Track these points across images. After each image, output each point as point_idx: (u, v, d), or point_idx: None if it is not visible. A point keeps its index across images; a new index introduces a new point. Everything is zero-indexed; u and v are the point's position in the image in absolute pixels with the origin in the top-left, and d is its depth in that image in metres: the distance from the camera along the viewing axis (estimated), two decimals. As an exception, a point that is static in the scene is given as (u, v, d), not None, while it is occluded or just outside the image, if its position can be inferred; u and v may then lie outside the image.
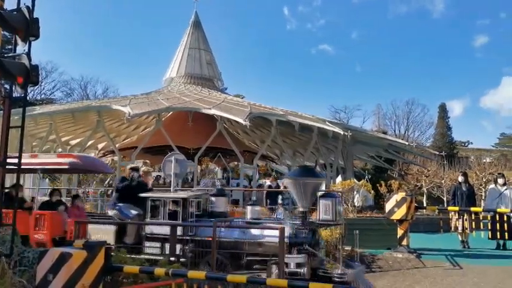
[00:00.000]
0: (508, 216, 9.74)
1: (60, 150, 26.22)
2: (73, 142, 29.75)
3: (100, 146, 30.83)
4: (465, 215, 11.08)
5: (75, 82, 61.87)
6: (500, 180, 11.71)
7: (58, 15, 79.22)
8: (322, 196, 7.31)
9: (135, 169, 9.16)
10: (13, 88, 5.12)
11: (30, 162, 8.63)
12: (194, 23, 33.20)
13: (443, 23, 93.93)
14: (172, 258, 6.95)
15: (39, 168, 8.81)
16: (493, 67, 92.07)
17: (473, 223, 10.88)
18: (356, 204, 13.65)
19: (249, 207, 8.48)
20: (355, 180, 17.29)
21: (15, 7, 5.12)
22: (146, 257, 7.13)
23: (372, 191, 15.53)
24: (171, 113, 27.27)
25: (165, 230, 7.38)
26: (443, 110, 63.91)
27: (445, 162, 37.81)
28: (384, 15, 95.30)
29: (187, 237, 7.32)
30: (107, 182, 28.07)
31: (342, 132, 20.23)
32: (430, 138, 64.51)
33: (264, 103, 27.58)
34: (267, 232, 7.03)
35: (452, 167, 35.96)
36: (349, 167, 26.11)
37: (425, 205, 25.32)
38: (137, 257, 6.97)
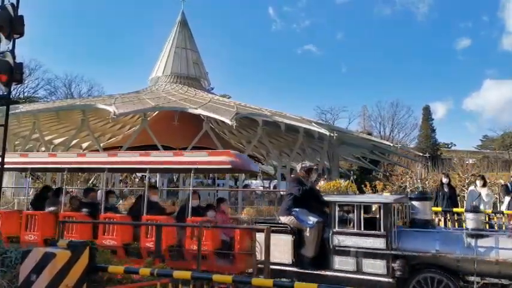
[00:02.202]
0: (488, 217, 9.95)
1: (43, 149, 25.89)
2: (57, 141, 29.38)
3: (84, 145, 30.50)
4: (448, 215, 11.27)
5: (59, 80, 61.02)
6: (479, 182, 11.96)
7: (41, 13, 78.14)
8: None
9: (312, 170, 7.76)
10: (-4, 86, 5.05)
11: (183, 161, 7.62)
12: (181, 22, 33.07)
13: (427, 25, 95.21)
14: (386, 280, 5.99)
15: (193, 167, 7.51)
16: (475, 70, 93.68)
17: (456, 223, 11.06)
18: None
19: (470, 215, 6.85)
20: (340, 181, 17.44)
21: (-1, 4, 5.06)
22: (334, 274, 6.27)
23: (357, 192, 15.68)
24: (157, 112, 27.11)
25: (361, 242, 6.26)
26: (427, 112, 64.81)
27: (429, 163, 38.29)
28: (369, 17, 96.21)
29: (393, 252, 6.10)
30: (91, 181, 27.78)
31: (327, 133, 20.37)
32: (415, 140, 65.38)
33: (251, 103, 27.63)
34: (503, 245, 5.76)
35: (435, 169, 36.43)
36: (334, 168, 26.31)
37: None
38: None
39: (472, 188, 12.51)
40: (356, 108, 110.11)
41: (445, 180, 12.48)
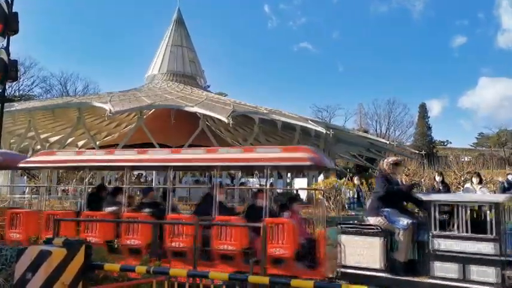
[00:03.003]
0: (485, 214, 10.00)
1: (39, 147, 25.79)
2: (52, 139, 29.29)
3: (80, 143, 30.42)
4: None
5: (54, 78, 60.78)
6: (475, 180, 11.99)
7: (33, 9, 77.74)
8: None
9: (398, 164, 7.11)
10: (-9, 83, 5.02)
11: (256, 158, 7.08)
12: (177, 21, 33.00)
13: (423, 23, 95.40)
14: None
15: (268, 165, 7.03)
16: (471, 67, 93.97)
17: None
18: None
19: None
20: (337, 179, 17.48)
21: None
22: (433, 281, 5.66)
23: (354, 189, 15.71)
24: (153, 110, 27.06)
25: (467, 246, 5.62)
26: (423, 110, 65.01)
27: (425, 161, 38.42)
28: (365, 15, 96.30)
29: (508, 258, 5.48)
30: (86, 180, 27.74)
31: (324, 131, 20.42)
32: (411, 138, 65.55)
33: (247, 102, 27.62)
34: None
35: (431, 166, 36.56)
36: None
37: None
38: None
39: (468, 185, 12.55)
40: (352, 106, 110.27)
41: (438, 178, 12.52)
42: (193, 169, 16.31)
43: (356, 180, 15.83)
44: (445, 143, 72.79)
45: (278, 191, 18.65)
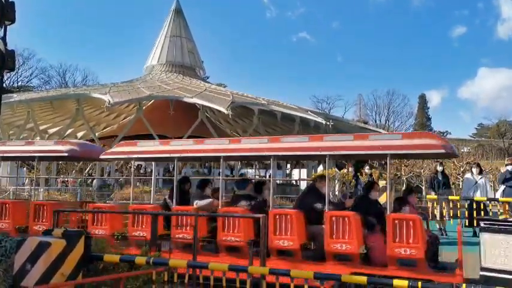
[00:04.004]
0: (484, 205, 10.00)
1: (38, 138, 25.77)
2: (51, 131, 29.25)
3: (79, 134, 30.38)
4: (443, 203, 11.33)
5: (53, 69, 60.46)
6: (475, 170, 12.01)
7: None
8: None
9: None
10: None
11: (374, 146, 6.33)
12: (175, 11, 32.77)
13: (423, 13, 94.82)
14: None
15: (389, 153, 6.26)
16: (470, 58, 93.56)
17: (451, 211, 11.14)
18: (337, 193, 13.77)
19: None
20: (336, 169, 17.45)
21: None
22: None
23: (353, 180, 15.69)
24: (152, 101, 26.99)
25: None
26: (423, 101, 64.99)
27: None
28: (364, 5, 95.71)
29: None
30: (86, 171, 27.73)
31: (323, 122, 20.40)
32: (410, 129, 65.47)
33: (247, 93, 27.55)
34: None
35: (431, 157, 36.53)
36: (330, 157, 26.38)
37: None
38: None
39: (468, 175, 12.57)
40: (352, 97, 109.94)
41: (439, 168, 12.54)
42: (299, 158, 14.95)
43: (367, 169, 15.62)
44: (445, 134, 72.82)
45: (277, 182, 18.67)
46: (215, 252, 6.55)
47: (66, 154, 8.33)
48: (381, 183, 10.30)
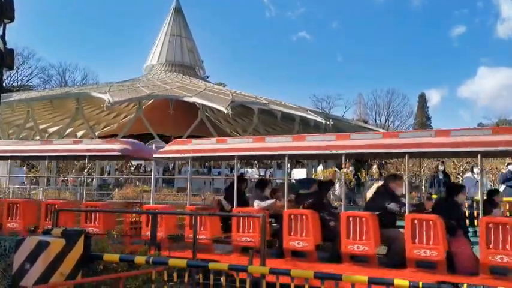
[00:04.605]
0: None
1: (38, 138, 25.75)
2: (51, 130, 29.23)
3: (79, 134, 30.36)
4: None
5: (53, 68, 60.34)
6: (476, 170, 12.00)
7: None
8: None
9: None
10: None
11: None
12: (175, 10, 32.74)
13: (423, 12, 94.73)
14: None
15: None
16: (470, 57, 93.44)
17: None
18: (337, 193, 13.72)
19: None
20: (336, 169, 17.42)
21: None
22: None
23: (353, 180, 15.63)
24: (152, 100, 26.97)
25: None
26: (423, 100, 64.88)
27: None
28: (364, 4, 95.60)
29: None
30: (86, 170, 27.70)
31: (323, 121, 20.37)
32: (410, 128, 65.39)
33: (246, 92, 27.52)
34: None
35: (431, 156, 36.50)
36: (330, 156, 26.35)
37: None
38: None
39: (468, 174, 12.57)
40: (351, 96, 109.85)
41: (441, 167, 12.55)
42: (371, 156, 14.30)
43: (375, 169, 15.49)
44: (445, 133, 72.80)
45: (277, 181, 18.64)
46: (278, 257, 6.16)
47: (119, 153, 8.21)
48: (381, 182, 10.25)
